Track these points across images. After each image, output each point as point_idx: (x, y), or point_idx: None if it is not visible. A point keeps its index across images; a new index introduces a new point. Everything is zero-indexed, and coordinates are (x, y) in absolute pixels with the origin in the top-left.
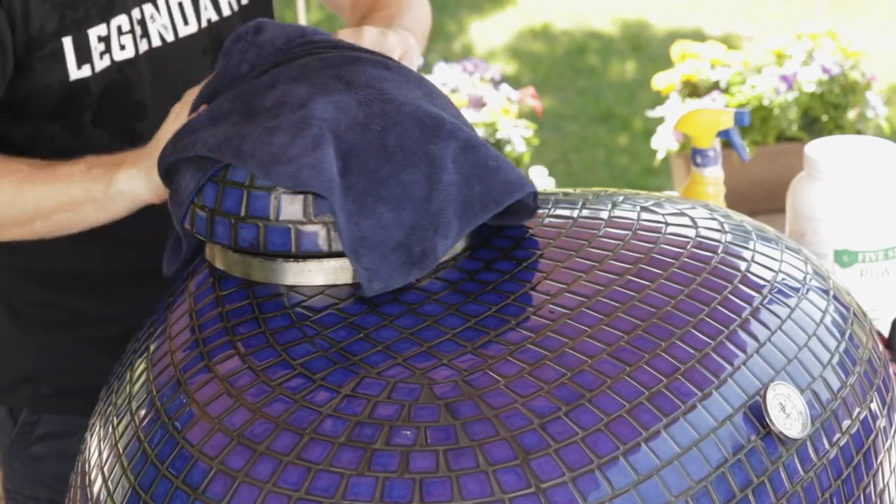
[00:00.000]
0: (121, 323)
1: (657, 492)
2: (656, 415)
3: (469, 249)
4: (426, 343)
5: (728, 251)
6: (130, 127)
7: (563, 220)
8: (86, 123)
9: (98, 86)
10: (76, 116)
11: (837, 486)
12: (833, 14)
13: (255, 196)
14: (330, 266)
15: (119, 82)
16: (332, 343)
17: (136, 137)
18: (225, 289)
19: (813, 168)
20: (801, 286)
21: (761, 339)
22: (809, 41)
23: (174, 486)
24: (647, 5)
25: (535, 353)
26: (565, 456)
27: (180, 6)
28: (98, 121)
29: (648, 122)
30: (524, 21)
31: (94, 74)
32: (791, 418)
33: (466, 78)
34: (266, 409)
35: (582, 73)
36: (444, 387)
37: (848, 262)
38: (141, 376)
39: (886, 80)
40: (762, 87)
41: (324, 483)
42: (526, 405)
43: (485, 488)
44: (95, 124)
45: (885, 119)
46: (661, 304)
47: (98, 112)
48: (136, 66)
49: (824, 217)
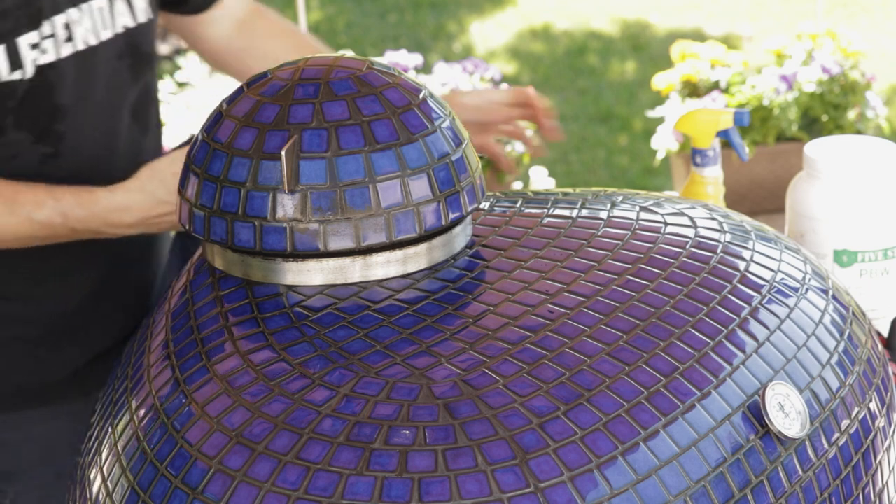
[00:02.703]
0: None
1: (656, 491)
2: (655, 414)
3: (468, 249)
4: (425, 342)
5: (727, 251)
6: (51, 129)
7: (563, 220)
8: (8, 125)
9: (22, 89)
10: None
11: (836, 486)
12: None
13: (253, 195)
14: (329, 266)
15: (41, 85)
16: (331, 343)
17: (57, 139)
18: (224, 288)
19: (812, 168)
20: (801, 286)
21: (760, 338)
22: (809, 41)
23: (173, 485)
24: (647, 5)
25: (534, 353)
26: (564, 455)
27: (101, 11)
28: (21, 123)
29: (648, 122)
30: (524, 21)
31: (23, 80)
32: (790, 418)
33: (466, 78)
34: (265, 408)
35: (582, 73)
36: (442, 386)
37: (847, 261)
38: (140, 376)
39: (886, 80)
40: (762, 87)
41: (322, 482)
42: (525, 405)
43: (483, 488)
44: (18, 127)
45: (885, 119)
46: (661, 304)
47: (20, 114)
48: (57, 69)
49: (824, 217)
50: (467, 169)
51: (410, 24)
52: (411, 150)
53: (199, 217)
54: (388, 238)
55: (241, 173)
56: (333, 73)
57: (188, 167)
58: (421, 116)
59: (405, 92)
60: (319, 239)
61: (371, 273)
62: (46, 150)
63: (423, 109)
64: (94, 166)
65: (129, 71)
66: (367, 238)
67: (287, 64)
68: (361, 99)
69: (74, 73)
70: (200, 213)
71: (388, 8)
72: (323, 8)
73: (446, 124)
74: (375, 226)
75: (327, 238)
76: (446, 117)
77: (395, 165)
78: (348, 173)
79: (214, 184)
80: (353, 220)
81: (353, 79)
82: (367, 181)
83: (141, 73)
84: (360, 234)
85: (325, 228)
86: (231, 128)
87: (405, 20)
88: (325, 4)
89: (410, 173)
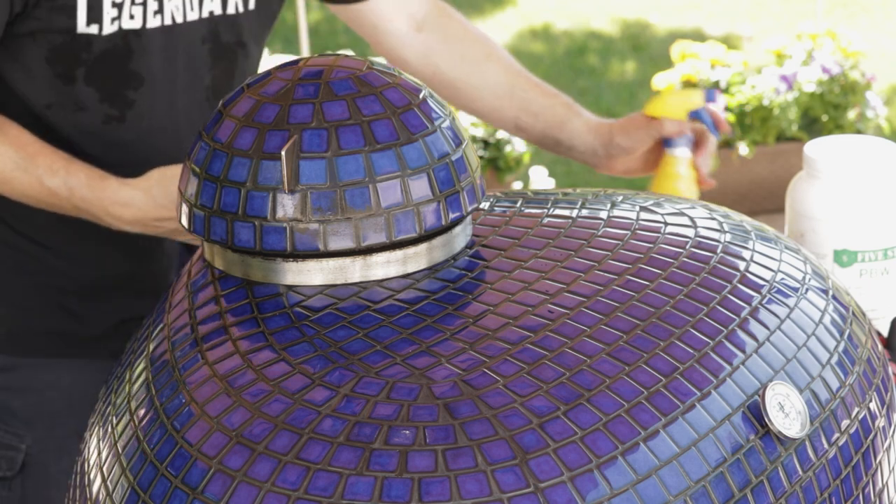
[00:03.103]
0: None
1: (656, 491)
2: (655, 414)
3: (468, 249)
4: (425, 342)
5: (727, 251)
6: (121, 93)
7: (563, 220)
8: (78, 77)
9: (99, 46)
10: (70, 67)
11: (836, 486)
12: (833, 14)
13: (253, 195)
14: (329, 266)
15: (121, 49)
16: (331, 343)
17: (125, 104)
18: (224, 288)
19: (812, 168)
20: (801, 286)
21: (760, 338)
22: (809, 41)
23: (173, 485)
24: (647, 5)
25: (534, 353)
26: (564, 455)
27: None
28: (91, 79)
29: None
30: (524, 21)
31: (99, 35)
32: (790, 418)
33: None
34: (265, 408)
35: (582, 73)
36: (442, 386)
37: (847, 261)
38: (140, 376)
39: (886, 80)
40: (762, 87)
41: (322, 482)
42: (525, 405)
43: (483, 488)
44: (88, 82)
45: (885, 119)
46: (661, 304)
47: (92, 70)
48: (141, 38)
49: (824, 217)
50: (467, 169)
51: None
52: (411, 150)
53: (199, 217)
54: (388, 238)
55: (241, 173)
56: (333, 73)
57: (188, 167)
58: (421, 116)
59: (405, 92)
60: (319, 239)
61: (371, 273)
62: (112, 113)
63: (423, 109)
64: (159, 140)
65: (209, 55)
66: (367, 238)
67: (287, 64)
68: (361, 99)
69: (158, 45)
70: (200, 213)
71: None
72: (323, 8)
73: (446, 124)
74: (375, 226)
75: (327, 238)
76: (446, 117)
77: (395, 165)
78: (348, 173)
79: (214, 184)
80: (353, 220)
81: (353, 79)
82: (367, 181)
83: (220, 61)
84: (360, 234)
85: (325, 228)
86: (231, 128)
87: None
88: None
89: (410, 173)
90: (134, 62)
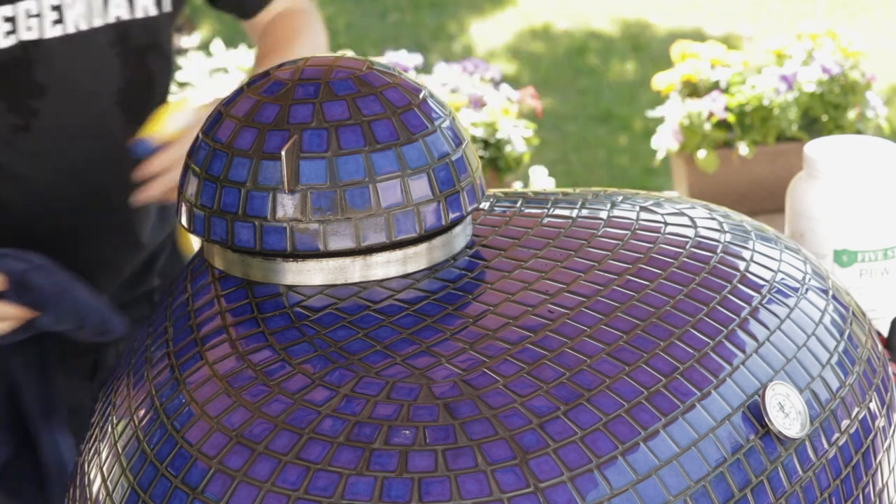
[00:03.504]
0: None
1: (656, 491)
2: (655, 414)
3: (468, 249)
4: (425, 342)
5: (727, 251)
6: (25, 103)
7: (563, 220)
8: None
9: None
10: None
11: (836, 486)
12: (833, 14)
13: (252, 195)
14: (329, 266)
15: (21, 60)
16: (331, 343)
17: (30, 114)
18: (224, 288)
19: (812, 168)
20: (801, 286)
21: (760, 338)
22: (809, 41)
23: (173, 485)
24: (647, 5)
25: (534, 353)
26: (564, 455)
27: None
28: None
29: (648, 122)
30: (524, 21)
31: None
32: (790, 418)
33: (466, 78)
34: (265, 408)
35: (582, 73)
36: (442, 386)
37: (847, 261)
38: (140, 376)
39: (886, 80)
40: (762, 87)
41: (322, 482)
42: (525, 405)
43: (483, 488)
44: None
45: (885, 119)
46: (660, 304)
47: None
48: (41, 48)
49: (823, 217)
50: (467, 169)
51: (410, 24)
52: (411, 150)
53: (199, 217)
54: (388, 238)
55: (241, 173)
56: (333, 73)
57: (188, 167)
58: (421, 116)
59: (405, 92)
60: (319, 239)
61: (371, 273)
62: (17, 122)
63: (423, 109)
64: (71, 148)
65: (117, 60)
66: (367, 238)
67: (287, 63)
68: (361, 99)
69: (60, 54)
70: (200, 213)
71: (388, 8)
72: (323, 8)
73: (446, 124)
74: (375, 226)
75: (327, 238)
76: (446, 117)
77: (395, 165)
78: (348, 173)
79: (214, 184)
80: (353, 220)
81: (353, 79)
82: (367, 181)
83: (131, 65)
84: (360, 234)
85: (325, 228)
86: (231, 128)
87: (405, 20)
88: (325, 4)
89: (410, 173)
90: (35, 72)
